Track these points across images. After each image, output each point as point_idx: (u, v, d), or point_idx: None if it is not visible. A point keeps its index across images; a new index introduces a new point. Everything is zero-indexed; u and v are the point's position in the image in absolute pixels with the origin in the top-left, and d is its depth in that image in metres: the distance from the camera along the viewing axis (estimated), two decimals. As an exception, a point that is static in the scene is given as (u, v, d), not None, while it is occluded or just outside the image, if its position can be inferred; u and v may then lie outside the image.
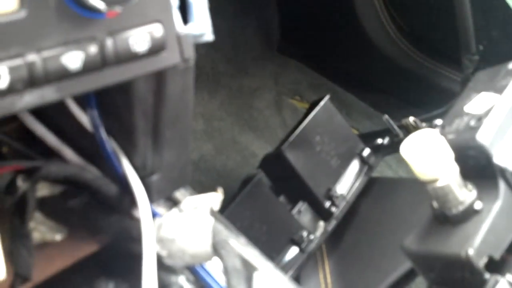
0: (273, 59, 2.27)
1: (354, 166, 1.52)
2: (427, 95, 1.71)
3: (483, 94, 0.77)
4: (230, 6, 2.17)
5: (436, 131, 0.73)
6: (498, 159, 0.71)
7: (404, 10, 1.94)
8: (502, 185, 0.71)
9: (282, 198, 1.47)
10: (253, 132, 2.01)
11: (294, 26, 2.25)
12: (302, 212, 1.44)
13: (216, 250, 0.65)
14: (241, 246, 0.70)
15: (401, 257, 0.80)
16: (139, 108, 0.62)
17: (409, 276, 1.19)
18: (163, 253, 0.67)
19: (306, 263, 1.39)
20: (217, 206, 0.70)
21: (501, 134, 0.72)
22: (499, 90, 0.76)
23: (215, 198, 0.71)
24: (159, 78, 0.59)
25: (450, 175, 0.70)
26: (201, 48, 0.59)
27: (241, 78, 2.17)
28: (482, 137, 0.71)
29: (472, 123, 0.74)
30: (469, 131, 0.73)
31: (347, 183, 1.49)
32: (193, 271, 0.70)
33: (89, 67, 0.50)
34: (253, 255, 0.70)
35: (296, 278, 1.38)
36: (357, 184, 1.49)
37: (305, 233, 1.39)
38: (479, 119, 0.73)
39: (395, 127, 1.47)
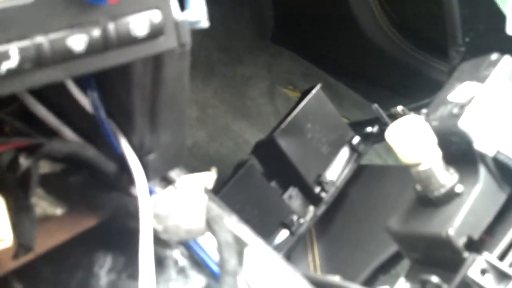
0: (267, 49, 2.28)
1: (344, 153, 1.54)
2: (417, 85, 1.73)
3: (467, 83, 0.79)
4: (226, -5, 2.19)
5: (421, 117, 0.75)
6: (479, 145, 0.73)
7: (396, 1, 1.96)
8: (482, 170, 0.74)
9: (273, 183, 1.49)
10: (246, 120, 2.03)
11: (288, 16, 2.26)
12: (293, 197, 1.47)
13: (210, 225, 0.67)
14: (233, 223, 0.73)
15: (388, 241, 0.83)
16: (138, 91, 0.64)
17: (395, 258, 1.22)
18: (159, 228, 0.69)
19: (296, 245, 1.42)
20: (210, 185, 0.73)
21: (482, 121, 0.74)
22: (482, 80, 0.78)
23: (209, 177, 0.72)
24: (157, 61, 0.61)
25: (433, 159, 0.73)
26: (196, 36, 0.61)
27: (235, 66, 2.18)
28: (464, 124, 0.74)
29: (455, 110, 0.76)
30: (452, 118, 0.75)
31: (337, 169, 1.51)
32: (187, 246, 0.72)
33: (92, 49, 0.52)
34: (244, 231, 0.73)
35: (286, 260, 1.40)
36: (346, 170, 1.52)
37: (295, 217, 1.42)
38: (462, 107, 0.76)
39: (384, 115, 1.49)
